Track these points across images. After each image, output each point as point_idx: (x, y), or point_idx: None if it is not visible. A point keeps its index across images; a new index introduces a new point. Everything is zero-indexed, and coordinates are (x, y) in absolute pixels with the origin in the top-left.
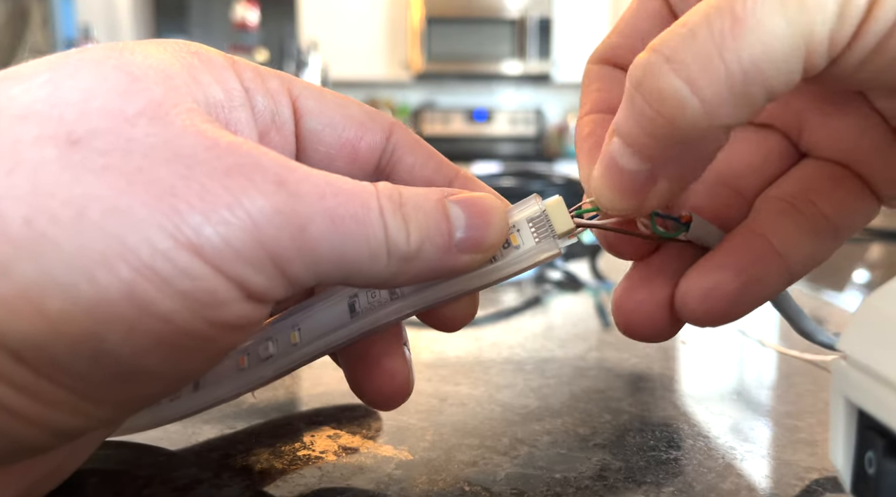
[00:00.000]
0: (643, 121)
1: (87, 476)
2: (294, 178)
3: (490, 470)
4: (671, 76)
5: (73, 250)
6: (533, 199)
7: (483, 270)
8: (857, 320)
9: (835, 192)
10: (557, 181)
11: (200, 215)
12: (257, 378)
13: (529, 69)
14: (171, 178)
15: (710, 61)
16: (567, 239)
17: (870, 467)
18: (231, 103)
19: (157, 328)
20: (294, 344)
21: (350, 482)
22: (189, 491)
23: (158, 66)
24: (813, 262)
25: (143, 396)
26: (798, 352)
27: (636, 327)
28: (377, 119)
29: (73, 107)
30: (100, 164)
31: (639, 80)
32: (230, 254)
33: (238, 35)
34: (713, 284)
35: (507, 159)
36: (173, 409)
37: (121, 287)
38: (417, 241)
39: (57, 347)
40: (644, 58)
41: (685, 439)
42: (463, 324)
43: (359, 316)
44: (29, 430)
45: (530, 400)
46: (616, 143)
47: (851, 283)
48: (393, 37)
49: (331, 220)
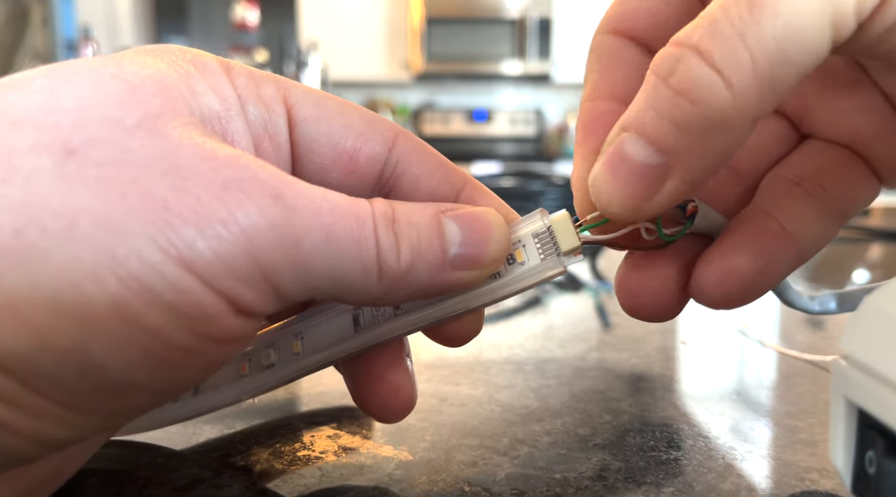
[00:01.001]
0: (668, 109)
1: (87, 476)
2: (291, 193)
3: (490, 470)
4: (702, 66)
5: (61, 262)
6: (538, 214)
7: (487, 287)
8: (857, 320)
9: (840, 173)
10: (557, 181)
11: (193, 229)
12: (258, 385)
13: (529, 69)
14: (165, 190)
15: (734, 49)
16: (573, 257)
17: (870, 467)
18: (228, 113)
19: (145, 341)
20: (296, 353)
21: (350, 482)
22: (189, 491)
23: (155, 76)
24: (822, 242)
25: (131, 407)
26: (798, 352)
27: (643, 306)
28: (379, 128)
29: (69, 114)
30: (95, 174)
31: (667, 72)
32: (221, 269)
33: (238, 35)
34: (731, 269)
35: (507, 160)
36: (173, 412)
37: (108, 300)
38: (408, 259)
39: (44, 359)
40: (670, 51)
41: (685, 440)
42: (468, 340)
43: (362, 330)
44: (15, 440)
45: (530, 400)
46: (628, 137)
47: (851, 284)
48: (393, 37)
49: (325, 236)
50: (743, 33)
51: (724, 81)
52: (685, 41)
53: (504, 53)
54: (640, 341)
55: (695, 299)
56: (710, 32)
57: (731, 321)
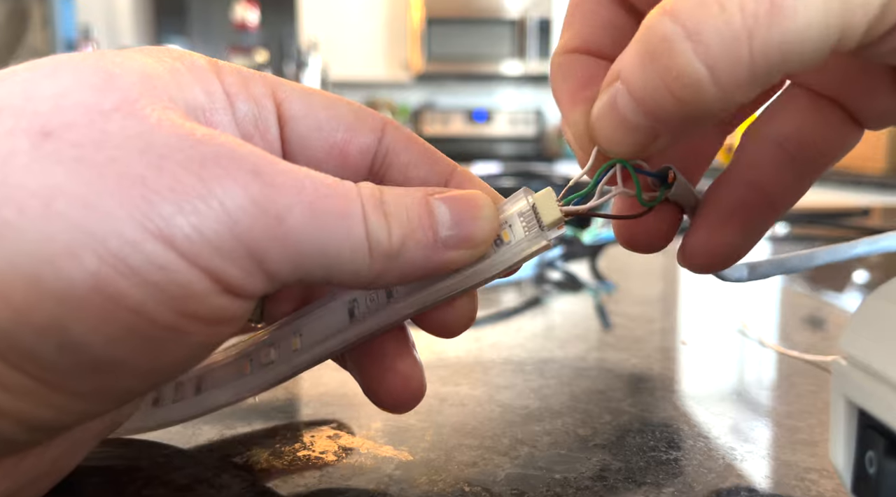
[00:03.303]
0: (655, 93)
1: (87, 475)
2: (271, 170)
3: (490, 470)
4: (692, 57)
5: (38, 241)
6: (522, 193)
7: (476, 268)
8: (857, 320)
9: (821, 124)
10: (557, 182)
11: (172, 205)
12: (260, 383)
13: (529, 70)
14: (143, 168)
15: (736, 46)
16: (556, 229)
17: (870, 467)
18: (213, 106)
19: (128, 319)
20: (295, 350)
21: (350, 483)
22: (189, 491)
23: (139, 68)
24: (798, 199)
25: (120, 389)
26: (798, 352)
27: (637, 240)
28: (367, 120)
29: (47, 101)
30: (71, 155)
31: (654, 50)
32: (204, 245)
33: (238, 35)
34: (719, 243)
35: (507, 160)
36: (175, 412)
37: (86, 277)
38: (399, 238)
39: (23, 335)
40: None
41: (685, 440)
42: (462, 330)
43: (357, 320)
44: (1, 423)
45: (530, 400)
46: (622, 91)
47: (851, 284)
48: (393, 37)
49: (310, 213)
50: (753, 32)
51: (714, 78)
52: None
53: (504, 53)
54: (640, 341)
55: (680, 264)
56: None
57: (731, 321)
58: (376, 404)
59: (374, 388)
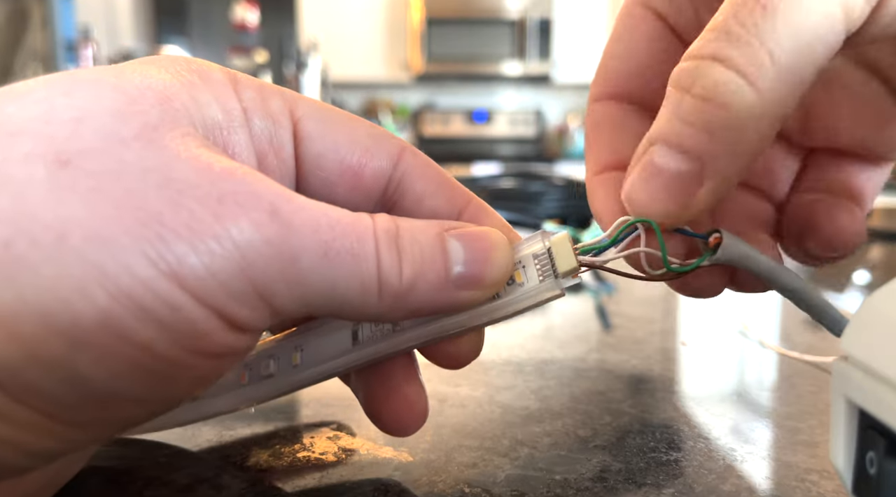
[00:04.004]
0: (695, 116)
1: (87, 476)
2: (288, 209)
3: (490, 471)
4: (723, 70)
5: (50, 276)
6: (539, 235)
7: (486, 307)
8: (858, 320)
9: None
10: (557, 182)
11: (186, 244)
12: (256, 395)
13: (529, 70)
14: (159, 203)
15: (753, 51)
16: (570, 279)
17: (871, 467)
18: (230, 124)
19: (135, 355)
20: (295, 365)
21: (350, 484)
22: (189, 491)
23: (157, 87)
24: None
25: (122, 419)
26: (798, 353)
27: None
28: (385, 144)
29: (65, 126)
30: (87, 186)
31: (689, 83)
32: (213, 285)
33: (238, 36)
34: None
35: (507, 160)
36: (170, 417)
37: (97, 315)
38: (410, 278)
39: (31, 371)
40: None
41: (685, 441)
42: (467, 362)
43: (360, 345)
44: (5, 452)
45: (530, 401)
46: (658, 149)
47: (851, 284)
48: (393, 37)
49: (324, 254)
50: (759, 36)
51: (748, 82)
52: (701, 53)
53: (504, 54)
54: (641, 342)
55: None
56: (726, 40)
57: (731, 322)
58: (378, 426)
59: (377, 409)
